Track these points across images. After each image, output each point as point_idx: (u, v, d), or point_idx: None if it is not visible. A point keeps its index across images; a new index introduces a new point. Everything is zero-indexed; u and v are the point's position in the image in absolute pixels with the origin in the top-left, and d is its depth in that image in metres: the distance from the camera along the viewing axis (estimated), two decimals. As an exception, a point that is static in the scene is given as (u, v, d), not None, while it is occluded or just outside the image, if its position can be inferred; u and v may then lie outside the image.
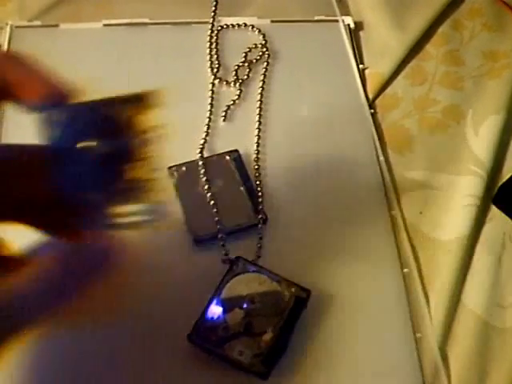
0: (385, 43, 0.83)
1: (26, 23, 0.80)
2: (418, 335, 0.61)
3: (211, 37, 0.80)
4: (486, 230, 0.69)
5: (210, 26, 0.81)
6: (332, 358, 0.59)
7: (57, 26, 0.80)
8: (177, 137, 0.69)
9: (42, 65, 0.43)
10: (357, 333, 0.61)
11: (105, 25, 0.80)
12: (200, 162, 0.68)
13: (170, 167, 0.68)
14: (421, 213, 0.69)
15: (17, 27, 0.79)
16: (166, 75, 0.76)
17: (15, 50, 0.76)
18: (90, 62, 0.77)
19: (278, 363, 0.57)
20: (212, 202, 0.66)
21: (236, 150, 0.69)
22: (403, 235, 0.67)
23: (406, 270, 0.65)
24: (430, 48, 0.83)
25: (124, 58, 0.78)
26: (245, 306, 0.58)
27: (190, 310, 0.58)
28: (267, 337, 0.57)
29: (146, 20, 0.81)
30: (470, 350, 0.61)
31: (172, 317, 0.59)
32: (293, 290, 0.59)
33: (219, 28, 0.81)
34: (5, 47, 0.77)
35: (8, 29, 0.78)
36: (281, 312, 0.58)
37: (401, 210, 0.69)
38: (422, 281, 0.65)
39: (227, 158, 0.69)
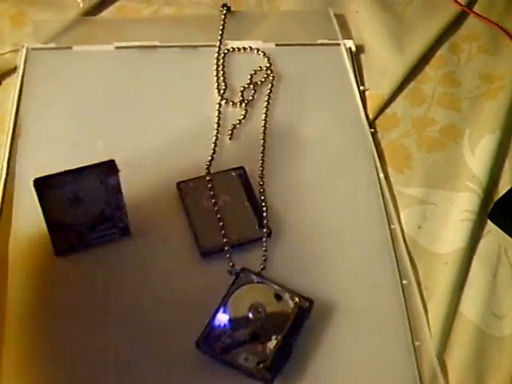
0: (385, 66, 0.86)
1: (40, 45, 0.83)
2: (417, 343, 0.63)
3: (218, 59, 0.83)
4: (483, 243, 0.71)
5: (216, 49, 0.84)
6: (333, 366, 0.61)
7: (70, 48, 0.83)
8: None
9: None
10: (357, 341, 0.63)
11: (117, 47, 0.84)
12: (207, 178, 0.71)
13: (178, 183, 0.71)
14: (419, 227, 0.72)
15: (32, 49, 0.82)
16: (175, 96, 0.80)
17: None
18: (103, 84, 0.80)
19: (281, 370, 0.59)
20: (218, 216, 0.68)
21: (242, 167, 0.72)
22: (402, 248, 0.69)
23: (405, 282, 0.67)
24: (429, 70, 0.87)
25: (135, 78, 0.81)
26: (250, 315, 0.61)
27: (198, 319, 0.60)
28: (271, 344, 0.59)
29: (156, 43, 0.84)
30: (468, 358, 0.63)
31: (180, 325, 0.62)
32: (296, 299, 0.62)
33: (226, 51, 0.85)
34: (21, 69, 0.80)
35: (24, 51, 0.82)
36: (285, 321, 0.60)
37: (400, 225, 0.71)
38: (421, 292, 0.67)
39: (233, 174, 0.72)
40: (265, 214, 0.69)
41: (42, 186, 0.59)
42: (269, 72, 0.82)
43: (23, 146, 0.74)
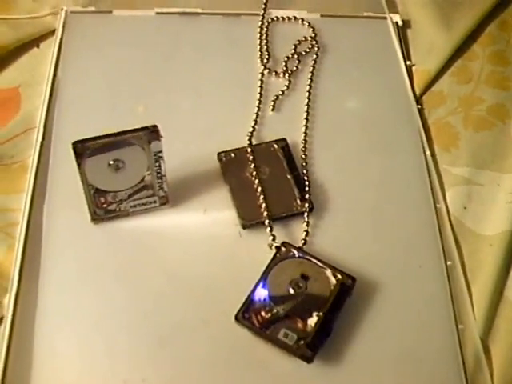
0: (432, 41, 0.84)
1: (80, 9, 0.82)
2: (461, 327, 0.61)
3: (261, 28, 0.82)
4: (530, 227, 0.69)
5: (260, 18, 0.82)
6: (374, 346, 0.60)
7: (110, 12, 0.82)
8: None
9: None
10: (400, 321, 0.62)
11: (157, 13, 0.82)
12: (249, 149, 0.70)
13: (219, 153, 0.69)
14: (465, 208, 0.70)
15: (71, 12, 0.81)
16: (216, 64, 0.78)
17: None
18: (143, 49, 0.79)
19: (322, 348, 0.57)
20: (260, 189, 0.67)
21: (284, 139, 0.71)
22: (447, 228, 0.67)
23: (449, 263, 0.65)
24: (477, 48, 0.84)
25: (175, 45, 0.80)
26: (291, 290, 0.59)
27: (238, 292, 0.59)
28: (312, 321, 0.58)
29: (198, 10, 0.83)
30: (512, 342, 0.61)
31: (220, 298, 0.60)
32: (339, 276, 0.60)
33: (269, 20, 0.83)
34: (59, 32, 0.79)
35: (63, 14, 0.80)
36: (326, 298, 0.59)
37: (446, 204, 0.70)
38: (465, 274, 0.65)
39: (275, 146, 0.70)
40: (307, 188, 0.67)
41: (82, 149, 0.58)
42: (314, 42, 0.81)
43: (60, 110, 0.72)
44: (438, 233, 0.67)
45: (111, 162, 0.60)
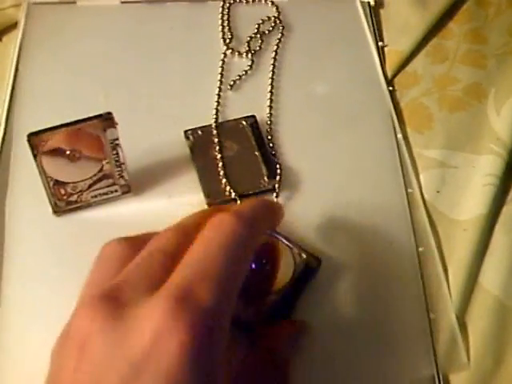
0: (405, 20, 0.81)
1: (42, 0, 0.79)
2: (432, 316, 0.60)
3: (223, 8, 0.80)
4: (506, 210, 0.67)
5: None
6: (339, 332, 0.58)
7: (74, 2, 0.79)
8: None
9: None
10: (368, 308, 0.60)
11: (122, 2, 0.80)
12: (216, 126, 0.68)
13: (185, 131, 0.68)
14: (438, 191, 0.67)
15: (34, 4, 0.79)
16: (179, 50, 0.76)
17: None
18: (107, 39, 0.77)
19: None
20: (227, 167, 0.66)
21: (253, 116, 0.69)
22: (420, 213, 0.65)
23: (421, 249, 0.63)
24: (453, 26, 0.81)
25: (140, 34, 0.78)
26: (253, 266, 0.56)
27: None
28: (270, 299, 0.56)
29: (164, -4, 0.81)
30: (486, 331, 0.59)
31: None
32: (304, 256, 0.58)
33: (232, 1, 0.81)
34: (22, 24, 0.77)
35: (25, 5, 0.78)
36: (288, 277, 0.57)
37: (419, 188, 0.67)
38: (443, 259, 0.63)
39: (244, 123, 0.69)
40: (275, 166, 0.66)
41: (37, 141, 0.56)
42: (277, 21, 0.78)
43: (23, 103, 0.71)
44: (410, 218, 0.65)
45: (67, 152, 0.59)
